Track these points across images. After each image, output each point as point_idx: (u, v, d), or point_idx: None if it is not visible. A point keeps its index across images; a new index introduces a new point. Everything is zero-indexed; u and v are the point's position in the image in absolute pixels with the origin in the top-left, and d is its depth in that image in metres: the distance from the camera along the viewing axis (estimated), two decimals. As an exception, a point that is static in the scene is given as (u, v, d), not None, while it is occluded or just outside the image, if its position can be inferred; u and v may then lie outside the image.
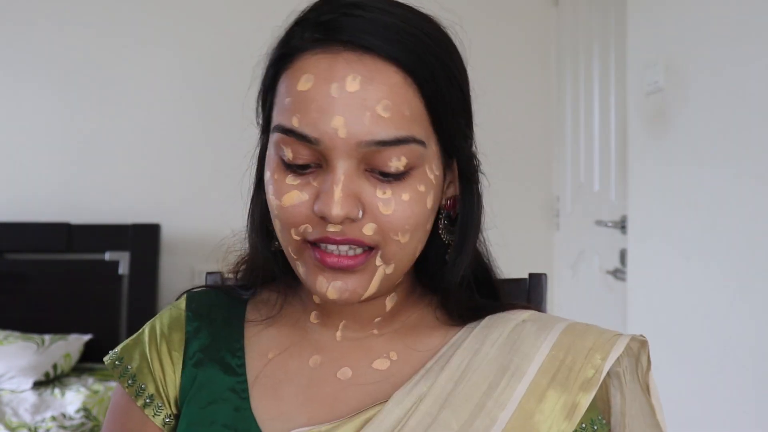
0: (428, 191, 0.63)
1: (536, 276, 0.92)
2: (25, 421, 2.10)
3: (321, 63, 0.60)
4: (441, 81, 0.62)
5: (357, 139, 0.59)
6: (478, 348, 0.67)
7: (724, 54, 1.66)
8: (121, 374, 0.73)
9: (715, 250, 1.69)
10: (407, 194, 0.61)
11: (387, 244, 0.62)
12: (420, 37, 0.61)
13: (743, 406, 1.58)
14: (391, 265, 0.63)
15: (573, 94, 2.79)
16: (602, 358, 0.65)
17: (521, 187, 2.94)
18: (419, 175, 0.62)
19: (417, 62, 0.60)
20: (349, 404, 0.66)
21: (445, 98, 0.63)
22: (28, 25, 2.89)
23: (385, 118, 0.59)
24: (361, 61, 0.59)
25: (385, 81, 0.59)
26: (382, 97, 0.59)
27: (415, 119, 0.61)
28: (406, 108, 0.60)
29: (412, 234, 0.62)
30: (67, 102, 2.90)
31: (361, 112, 0.58)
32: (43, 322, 2.59)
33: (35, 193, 2.87)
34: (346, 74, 0.59)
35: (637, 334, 0.69)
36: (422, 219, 0.63)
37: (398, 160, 0.60)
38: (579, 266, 2.69)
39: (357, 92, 0.58)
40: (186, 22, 2.93)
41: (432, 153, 0.63)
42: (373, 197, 0.61)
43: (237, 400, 0.68)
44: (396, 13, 0.62)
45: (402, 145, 0.60)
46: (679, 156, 1.86)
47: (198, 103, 2.89)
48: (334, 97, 0.59)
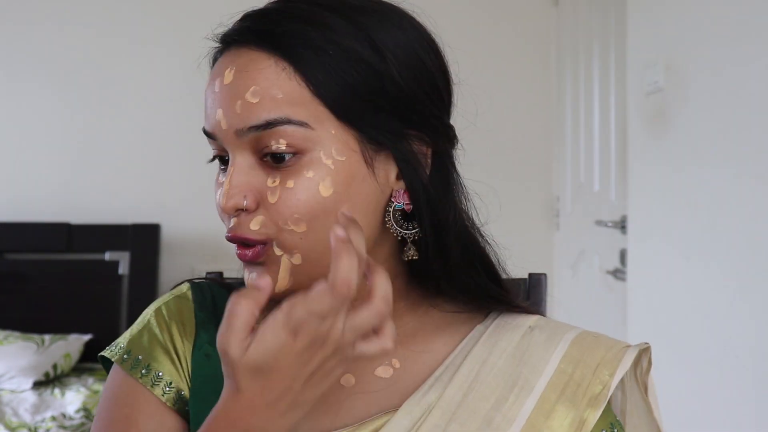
0: (322, 177, 0.59)
1: (536, 276, 0.92)
2: (25, 421, 2.10)
3: (216, 63, 0.66)
4: (332, 63, 0.60)
5: (234, 128, 0.61)
6: (486, 358, 0.66)
7: (724, 54, 1.66)
8: (133, 366, 0.70)
9: (715, 250, 1.69)
10: (292, 181, 0.60)
11: (281, 233, 0.60)
12: (299, 19, 0.61)
13: (743, 406, 1.58)
14: (296, 255, 0.60)
15: (573, 94, 2.79)
16: (610, 374, 0.65)
17: (521, 187, 2.94)
18: (309, 161, 0.60)
19: (290, 45, 0.60)
20: (353, 412, 0.65)
21: (342, 80, 0.60)
22: (28, 25, 2.89)
23: (254, 103, 0.60)
24: (238, 54, 0.62)
25: (254, 68, 0.61)
26: (251, 84, 0.60)
27: (292, 102, 0.60)
28: (277, 91, 0.60)
29: (309, 222, 0.59)
30: (67, 102, 2.90)
31: (234, 101, 0.61)
32: (43, 322, 2.59)
33: (35, 193, 2.87)
34: (225, 68, 0.62)
35: (642, 342, 0.68)
36: (319, 207, 0.59)
37: (277, 142, 0.59)
38: (579, 266, 2.69)
39: (230, 83, 0.61)
40: (186, 22, 2.92)
41: (329, 136, 0.60)
42: (263, 186, 0.61)
43: None
44: (301, 7, 0.63)
45: (277, 127, 0.59)
46: (679, 156, 1.86)
47: (198, 103, 2.87)
48: (216, 92, 0.63)
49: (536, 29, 3.04)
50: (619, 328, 2.16)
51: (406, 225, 0.65)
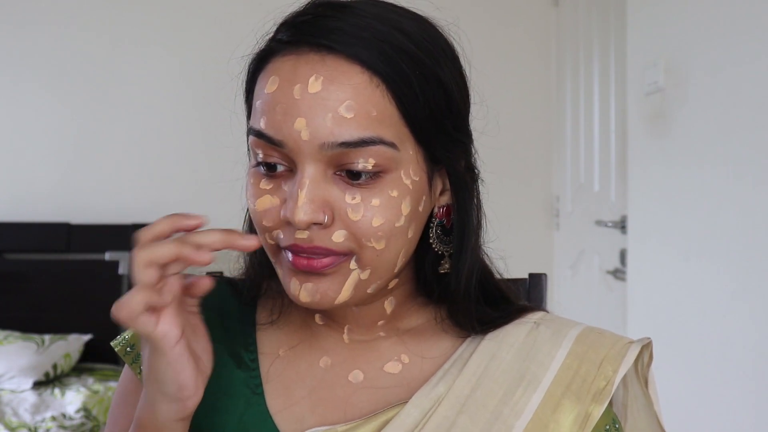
0: (403, 197, 0.60)
1: (536, 276, 0.92)
2: (25, 421, 2.10)
3: (286, 65, 0.59)
4: (417, 83, 0.60)
5: (320, 141, 0.57)
6: (494, 352, 0.67)
7: (724, 54, 1.66)
8: (134, 360, 0.73)
9: (715, 250, 1.69)
10: (377, 199, 0.59)
11: (362, 249, 0.60)
12: (390, 35, 0.59)
13: (743, 406, 1.58)
14: (367, 270, 0.61)
15: (573, 94, 2.79)
16: (614, 370, 0.66)
17: (521, 187, 2.95)
18: (391, 180, 0.60)
19: (385, 62, 0.58)
20: (362, 407, 0.66)
21: (424, 101, 0.60)
22: (28, 25, 2.89)
23: (348, 119, 0.57)
24: (324, 62, 0.58)
25: (347, 81, 0.58)
26: (345, 97, 0.57)
27: (383, 121, 0.58)
28: (372, 108, 0.58)
29: (387, 240, 0.60)
30: (67, 102, 2.90)
31: (323, 113, 0.57)
32: (43, 322, 2.59)
33: (35, 193, 2.87)
34: (309, 75, 0.58)
35: (644, 337, 0.69)
36: (398, 225, 0.60)
37: (365, 161, 0.58)
38: (579, 266, 2.69)
39: (318, 93, 0.57)
40: (185, 22, 2.93)
41: (408, 157, 0.61)
42: (342, 202, 0.59)
43: (250, 395, 0.68)
44: (371, 13, 0.61)
45: (368, 146, 0.58)
46: (679, 156, 1.86)
47: (198, 103, 2.89)
48: (296, 99, 0.58)
49: (536, 29, 3.04)
50: (619, 328, 2.16)
51: (444, 240, 0.68)
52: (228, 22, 2.90)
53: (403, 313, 0.71)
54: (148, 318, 0.55)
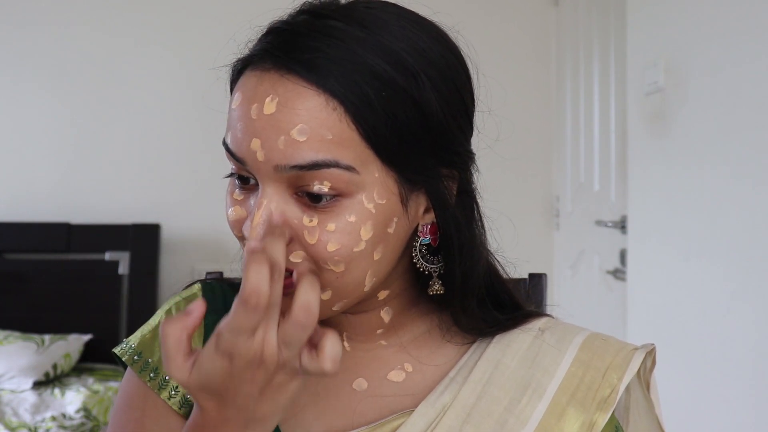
0: (362, 221, 0.58)
1: (536, 276, 0.92)
2: (25, 421, 2.10)
3: (251, 81, 0.59)
4: (381, 104, 0.57)
5: (273, 163, 0.56)
6: (499, 359, 0.67)
7: (723, 54, 1.66)
8: (142, 368, 0.71)
9: (715, 250, 1.69)
10: (333, 224, 0.57)
11: (321, 271, 0.58)
12: (358, 56, 0.57)
13: (743, 406, 1.58)
14: (327, 291, 0.60)
15: (573, 94, 2.79)
16: (618, 378, 0.66)
17: (521, 187, 2.95)
18: (350, 204, 0.58)
19: (343, 84, 0.56)
20: (366, 416, 0.66)
21: (391, 123, 0.57)
22: (29, 25, 2.89)
23: (301, 141, 0.56)
24: (282, 82, 0.57)
25: (302, 105, 0.56)
26: (298, 121, 0.56)
27: (341, 143, 0.56)
28: (326, 132, 0.56)
29: (347, 264, 0.58)
30: (67, 102, 2.90)
31: (276, 135, 0.56)
32: (43, 322, 2.59)
33: (35, 193, 2.87)
34: (266, 95, 0.57)
35: (648, 343, 0.69)
36: (357, 250, 0.58)
37: (321, 183, 0.56)
38: (579, 266, 2.69)
39: (273, 115, 0.56)
40: (186, 22, 2.93)
41: (372, 179, 0.58)
42: (299, 224, 0.58)
43: None
44: (350, 34, 0.58)
45: (322, 169, 0.56)
46: (679, 156, 1.86)
47: (198, 103, 2.88)
48: (253, 119, 0.57)
49: (536, 29, 3.04)
50: (619, 328, 2.16)
51: (431, 259, 0.65)
52: (228, 22, 2.90)
53: (403, 321, 0.70)
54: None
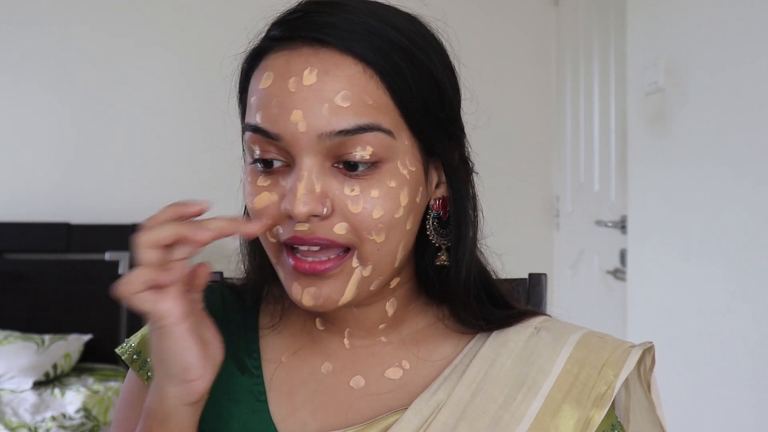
0: (401, 187, 0.60)
1: (536, 276, 0.92)
2: (25, 421, 2.10)
3: (280, 60, 0.60)
4: (410, 75, 0.60)
5: (317, 131, 0.58)
6: (494, 358, 0.67)
7: (723, 54, 1.66)
8: (141, 367, 0.73)
9: (715, 250, 1.69)
10: (376, 190, 0.59)
11: (363, 243, 0.60)
12: (383, 30, 0.60)
13: (743, 406, 1.58)
14: (369, 266, 0.61)
15: (573, 94, 2.79)
16: (615, 375, 0.66)
17: (521, 187, 2.95)
18: (389, 170, 0.60)
19: (378, 54, 0.59)
20: (363, 413, 0.66)
21: (417, 92, 0.61)
22: (29, 25, 2.89)
23: (345, 107, 0.58)
24: (317, 55, 0.59)
25: (342, 72, 0.58)
26: (340, 88, 0.58)
27: (379, 109, 0.59)
28: (367, 97, 0.58)
29: (387, 233, 0.60)
30: (67, 102, 2.90)
31: (319, 103, 0.58)
32: (43, 322, 2.59)
33: (35, 193, 2.87)
34: (303, 68, 0.58)
35: (646, 341, 0.69)
36: (397, 216, 0.60)
37: (363, 149, 0.58)
38: (579, 266, 2.69)
39: (314, 85, 0.58)
40: (186, 22, 2.93)
41: (404, 147, 0.61)
42: (341, 194, 0.59)
43: (254, 402, 0.68)
44: (362, 9, 0.61)
45: (365, 132, 0.58)
46: (679, 156, 1.86)
47: (198, 103, 2.89)
48: (292, 92, 0.58)
49: (536, 29, 3.04)
50: (619, 328, 2.16)
51: (441, 232, 0.68)
52: (228, 21, 2.90)
53: (404, 316, 0.70)
54: (149, 295, 0.56)
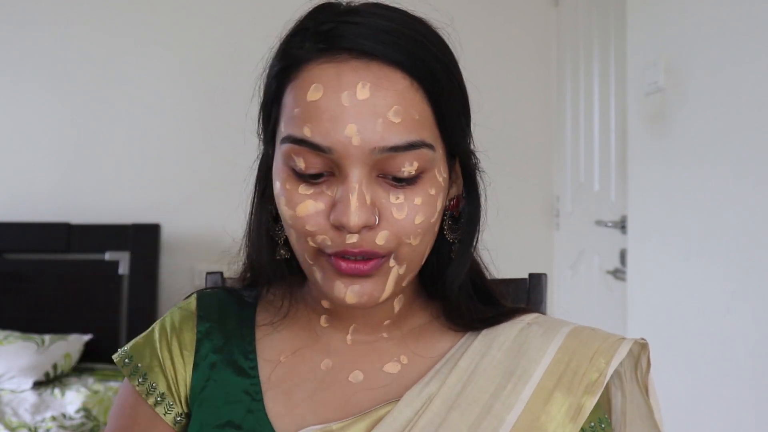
0: (438, 194, 0.64)
1: (536, 276, 0.92)
2: (25, 421, 2.10)
3: (328, 72, 0.60)
4: (444, 83, 0.63)
5: (371, 146, 0.59)
6: (485, 351, 0.68)
7: (723, 54, 1.66)
8: (132, 372, 0.73)
9: (715, 250, 1.69)
10: (419, 198, 0.62)
11: (400, 247, 0.63)
12: (419, 40, 0.62)
13: (743, 406, 1.58)
14: (404, 265, 0.64)
15: (573, 94, 2.79)
16: (606, 362, 0.67)
17: (521, 187, 2.95)
18: (429, 178, 0.63)
19: (421, 66, 0.61)
20: (360, 406, 0.67)
21: (449, 100, 0.64)
22: (29, 25, 2.89)
23: (397, 123, 0.59)
24: (368, 68, 0.60)
25: (392, 87, 0.60)
26: (392, 102, 0.59)
27: (423, 123, 0.61)
28: (415, 112, 0.60)
29: (422, 236, 0.63)
30: (67, 102, 2.90)
31: (374, 119, 0.59)
32: (43, 322, 2.59)
33: (35, 193, 2.87)
34: (356, 82, 0.59)
35: (638, 337, 0.70)
36: (432, 221, 0.64)
37: (410, 165, 0.60)
38: (579, 266, 2.69)
39: (368, 99, 0.59)
40: (186, 22, 2.93)
41: (439, 156, 0.64)
42: (387, 203, 0.61)
43: (250, 401, 0.69)
44: (393, 18, 0.63)
45: (414, 150, 0.60)
46: (679, 156, 1.86)
47: (198, 103, 2.89)
48: (345, 106, 0.59)
49: (536, 29, 3.04)
50: (619, 328, 2.16)
51: (453, 228, 0.70)
52: (228, 21, 2.90)
53: (407, 313, 0.72)
54: None
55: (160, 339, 0.73)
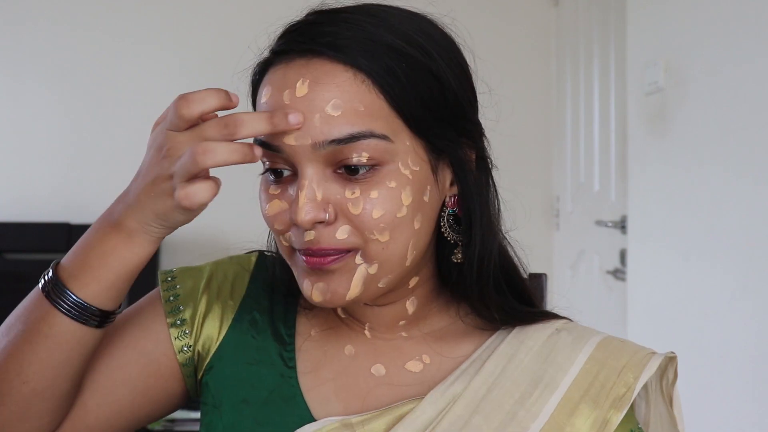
0: (402, 187, 0.61)
1: (536, 276, 0.92)
2: (25, 421, 2.10)
3: (277, 73, 0.62)
4: (405, 75, 0.61)
5: (311, 141, 0.59)
6: (513, 354, 0.67)
7: (724, 54, 1.66)
8: (167, 288, 0.74)
9: (715, 250, 1.69)
10: (375, 191, 0.60)
11: (367, 243, 0.61)
12: (376, 33, 0.61)
13: (743, 405, 1.58)
14: (374, 264, 0.62)
15: (573, 94, 2.79)
16: (635, 378, 0.65)
17: (521, 187, 2.94)
18: (389, 171, 0.61)
19: (368, 58, 0.60)
20: (381, 401, 0.67)
21: (414, 93, 0.61)
22: (28, 25, 2.89)
23: (336, 116, 0.59)
24: (309, 65, 0.60)
25: (332, 80, 0.59)
26: (330, 96, 0.59)
27: (373, 114, 0.60)
28: (359, 104, 0.59)
29: (391, 232, 0.61)
30: (67, 102, 2.90)
31: (311, 114, 0.59)
32: (43, 322, 2.59)
33: (35, 193, 2.87)
34: (296, 80, 0.60)
35: (668, 351, 0.69)
36: (400, 216, 0.61)
37: (359, 155, 0.59)
38: (579, 266, 2.69)
39: (306, 96, 0.59)
40: (186, 22, 2.93)
41: (405, 148, 0.62)
42: (342, 198, 0.61)
43: (283, 367, 0.70)
44: (360, 15, 0.63)
45: (359, 140, 0.59)
46: (679, 156, 1.86)
47: (198, 103, 2.88)
48: (286, 104, 0.60)
49: (536, 29, 3.04)
50: (619, 328, 2.16)
51: (456, 229, 0.68)
52: (228, 22, 2.90)
53: (425, 314, 0.71)
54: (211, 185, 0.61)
55: (207, 279, 0.74)
